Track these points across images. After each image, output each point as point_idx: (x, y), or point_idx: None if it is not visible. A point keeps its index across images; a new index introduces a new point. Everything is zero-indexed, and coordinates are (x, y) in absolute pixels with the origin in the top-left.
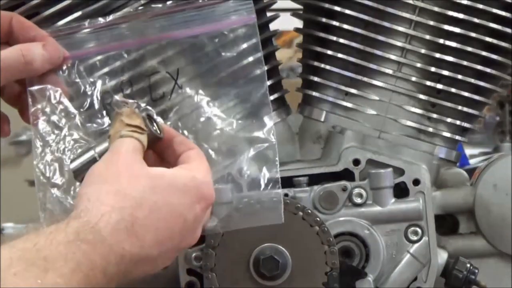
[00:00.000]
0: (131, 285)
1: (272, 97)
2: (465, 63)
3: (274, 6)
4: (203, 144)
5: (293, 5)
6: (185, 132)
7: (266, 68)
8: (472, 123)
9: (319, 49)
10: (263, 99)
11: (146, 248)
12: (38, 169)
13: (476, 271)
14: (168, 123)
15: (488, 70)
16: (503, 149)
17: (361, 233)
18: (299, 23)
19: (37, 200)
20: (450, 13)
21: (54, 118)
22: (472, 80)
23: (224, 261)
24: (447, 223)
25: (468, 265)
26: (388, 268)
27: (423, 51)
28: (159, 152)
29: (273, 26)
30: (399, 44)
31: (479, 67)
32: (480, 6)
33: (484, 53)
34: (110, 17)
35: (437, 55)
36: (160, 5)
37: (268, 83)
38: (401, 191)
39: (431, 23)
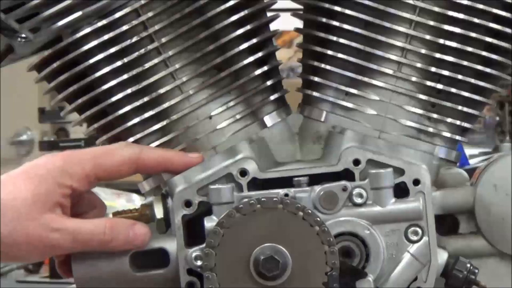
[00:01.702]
0: (131, 285)
1: (272, 97)
2: (465, 63)
3: (274, 6)
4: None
5: (293, 5)
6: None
7: (266, 68)
8: (472, 123)
9: (319, 49)
10: (263, 99)
11: None
12: None
13: (476, 271)
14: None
15: (488, 70)
16: (503, 149)
17: (361, 233)
18: (299, 23)
19: None
20: (450, 13)
21: None
22: (472, 80)
23: (224, 261)
24: (447, 223)
25: (468, 265)
26: (388, 268)
27: (423, 51)
28: None
29: (273, 26)
30: (399, 44)
31: (479, 67)
32: (480, 6)
33: (484, 53)
34: None
35: (437, 55)
36: None
37: (268, 83)
38: (401, 191)
39: (431, 23)
